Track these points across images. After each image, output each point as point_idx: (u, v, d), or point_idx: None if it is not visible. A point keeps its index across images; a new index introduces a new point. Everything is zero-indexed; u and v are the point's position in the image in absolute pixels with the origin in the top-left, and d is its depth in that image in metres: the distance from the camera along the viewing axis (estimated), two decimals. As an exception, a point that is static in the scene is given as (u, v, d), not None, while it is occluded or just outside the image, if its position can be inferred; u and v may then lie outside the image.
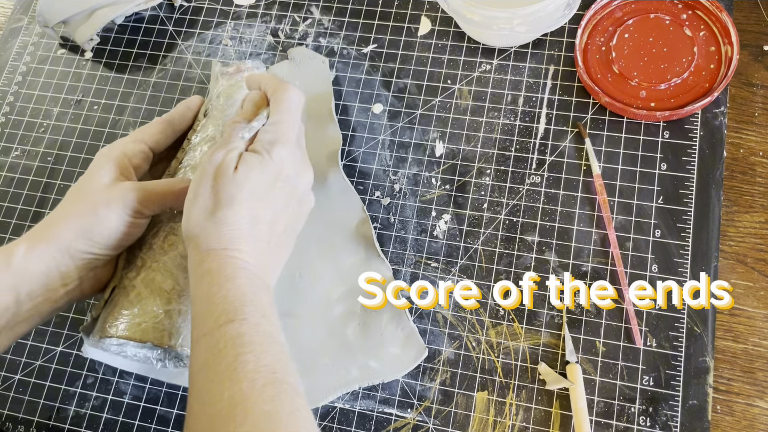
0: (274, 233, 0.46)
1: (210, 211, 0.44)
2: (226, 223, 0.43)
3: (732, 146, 0.56)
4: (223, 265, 0.42)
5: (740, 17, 0.60)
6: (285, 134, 0.47)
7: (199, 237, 0.43)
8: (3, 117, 0.69)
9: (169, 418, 0.55)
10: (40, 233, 0.47)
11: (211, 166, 0.45)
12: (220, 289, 0.41)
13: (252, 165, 0.45)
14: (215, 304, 0.40)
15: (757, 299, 0.52)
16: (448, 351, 0.53)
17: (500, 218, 0.57)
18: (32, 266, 0.45)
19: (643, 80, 0.57)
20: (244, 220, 0.44)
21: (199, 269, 0.42)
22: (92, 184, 0.48)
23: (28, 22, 0.73)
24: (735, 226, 0.54)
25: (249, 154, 0.45)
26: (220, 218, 0.43)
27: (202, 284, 0.42)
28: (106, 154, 0.50)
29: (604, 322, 0.52)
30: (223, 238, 0.43)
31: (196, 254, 0.43)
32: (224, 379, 0.37)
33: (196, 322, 0.41)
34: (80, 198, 0.48)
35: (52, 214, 0.48)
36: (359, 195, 0.59)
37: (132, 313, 0.47)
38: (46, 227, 0.47)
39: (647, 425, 0.49)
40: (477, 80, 0.62)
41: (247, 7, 0.69)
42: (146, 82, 0.68)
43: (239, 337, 0.38)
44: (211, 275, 0.42)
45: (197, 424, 0.37)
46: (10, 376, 0.58)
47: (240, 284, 0.41)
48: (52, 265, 0.46)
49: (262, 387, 0.36)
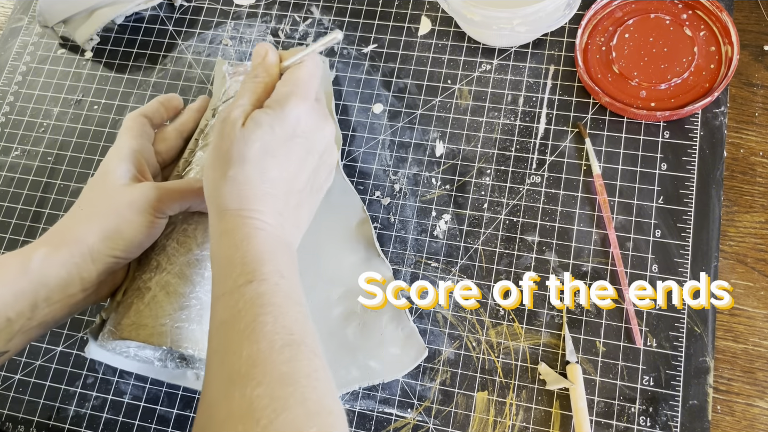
0: (292, 191, 0.45)
1: (223, 170, 0.43)
2: (237, 182, 0.42)
3: (732, 146, 0.56)
4: (239, 224, 0.42)
5: (740, 17, 0.60)
6: (301, 88, 0.45)
7: (214, 196, 0.43)
8: (3, 117, 0.69)
9: (169, 418, 0.55)
10: (61, 236, 0.46)
11: (220, 125, 0.44)
12: (237, 250, 0.41)
13: (261, 121, 0.43)
14: (234, 265, 0.40)
15: (757, 299, 0.52)
16: (448, 351, 0.53)
17: (500, 218, 0.57)
18: (52, 271, 0.44)
19: (644, 80, 0.57)
20: (256, 178, 0.43)
21: (217, 229, 0.42)
22: (111, 184, 0.47)
23: (28, 22, 0.73)
24: (735, 226, 0.54)
25: (259, 111, 0.44)
26: (232, 177, 0.42)
27: (221, 244, 0.42)
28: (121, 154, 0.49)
29: (604, 322, 0.52)
30: (236, 197, 0.42)
31: (214, 214, 0.43)
32: (243, 339, 0.37)
33: (216, 281, 0.41)
34: (101, 199, 0.47)
35: (70, 217, 0.47)
36: (359, 195, 0.59)
37: (148, 316, 0.46)
38: (67, 230, 0.46)
39: (647, 425, 0.49)
40: (477, 80, 0.62)
41: (247, 7, 0.69)
42: (146, 82, 0.68)
43: (258, 297, 0.38)
44: (228, 236, 0.41)
45: (216, 381, 0.37)
46: (10, 376, 0.58)
47: (256, 244, 0.41)
48: (73, 271, 0.45)
49: (281, 348, 0.36)
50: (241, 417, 0.34)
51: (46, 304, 0.44)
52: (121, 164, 0.48)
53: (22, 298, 0.43)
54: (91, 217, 0.46)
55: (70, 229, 0.46)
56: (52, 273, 0.44)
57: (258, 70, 0.47)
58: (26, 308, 0.44)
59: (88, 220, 0.46)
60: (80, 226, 0.46)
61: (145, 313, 0.47)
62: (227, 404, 0.35)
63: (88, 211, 0.47)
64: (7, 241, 0.63)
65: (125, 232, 0.46)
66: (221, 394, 0.36)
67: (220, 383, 0.37)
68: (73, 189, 0.64)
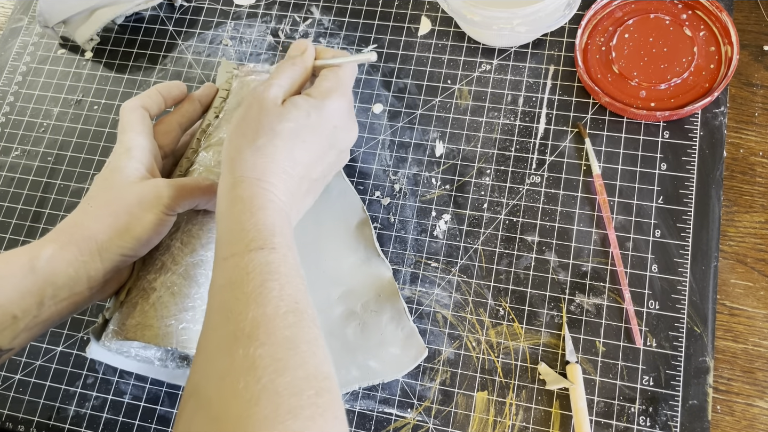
0: (306, 178, 0.47)
1: (250, 138, 0.44)
2: (264, 154, 0.44)
3: (732, 146, 0.56)
4: (255, 193, 0.43)
5: (740, 17, 0.60)
6: (344, 84, 0.48)
7: (235, 161, 0.44)
8: (3, 117, 0.69)
9: (169, 418, 0.55)
10: (69, 234, 0.45)
11: (256, 98, 0.46)
12: (252, 216, 0.41)
13: (299, 105, 0.46)
14: (246, 230, 0.41)
15: (757, 299, 0.52)
16: (448, 351, 0.54)
17: (500, 218, 0.57)
18: (60, 269, 0.44)
19: (643, 80, 0.57)
20: (281, 155, 0.44)
21: (231, 193, 0.43)
22: (121, 182, 0.47)
23: (28, 22, 0.73)
24: (735, 226, 0.54)
25: (299, 97, 0.46)
26: (259, 147, 0.44)
27: (234, 209, 0.42)
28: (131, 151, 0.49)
29: (604, 322, 0.52)
30: (258, 167, 0.43)
31: (229, 178, 0.44)
32: (250, 301, 0.38)
33: (222, 241, 0.42)
34: (111, 197, 0.47)
35: (80, 213, 0.47)
36: (359, 195, 0.59)
37: (153, 317, 0.46)
38: (75, 227, 0.46)
39: (647, 425, 0.49)
40: (477, 80, 0.62)
41: (247, 7, 0.69)
42: (146, 82, 0.68)
43: (267, 264, 0.39)
44: (243, 202, 0.42)
45: (217, 337, 0.38)
46: (10, 376, 0.58)
47: (270, 214, 0.42)
48: (81, 269, 0.45)
49: (285, 314, 0.37)
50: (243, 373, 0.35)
51: (53, 302, 0.44)
52: (132, 161, 0.48)
53: (29, 296, 0.43)
54: (101, 214, 0.46)
55: (79, 227, 0.45)
56: (60, 271, 0.44)
57: (296, 59, 0.49)
58: (33, 306, 0.43)
59: (98, 218, 0.46)
60: (90, 223, 0.45)
61: (151, 313, 0.46)
62: (230, 360, 0.36)
63: (98, 209, 0.46)
64: (7, 241, 0.63)
65: (135, 230, 0.46)
66: (223, 350, 0.36)
67: (222, 340, 0.37)
68: (73, 189, 0.64)
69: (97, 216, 0.46)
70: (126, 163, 0.48)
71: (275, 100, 0.46)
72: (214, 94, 0.57)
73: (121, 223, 0.45)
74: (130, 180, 0.47)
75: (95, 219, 0.46)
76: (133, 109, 0.51)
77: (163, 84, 0.54)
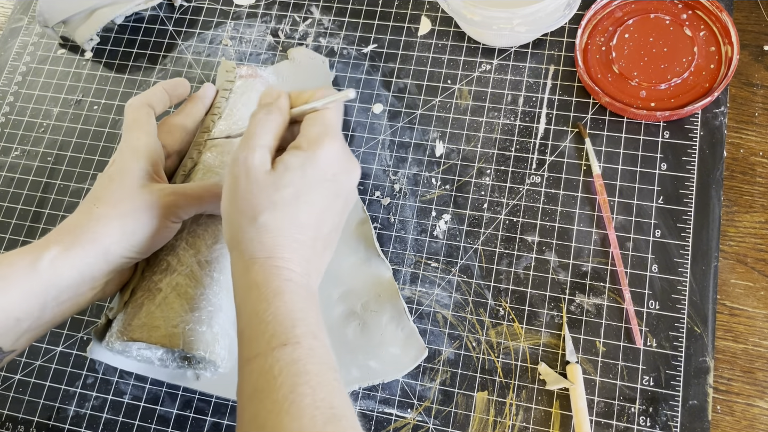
0: (319, 237, 0.43)
1: (251, 216, 0.41)
2: (268, 230, 0.41)
3: (732, 146, 0.56)
4: (269, 277, 0.40)
5: (740, 17, 0.60)
6: (333, 127, 0.44)
7: (241, 244, 0.41)
8: (3, 117, 0.69)
9: (169, 418, 0.55)
10: (73, 235, 0.44)
11: (243, 168, 0.42)
12: (269, 305, 0.39)
13: (292, 165, 0.42)
14: (265, 323, 0.38)
15: (757, 299, 0.52)
16: (448, 351, 0.53)
17: (500, 218, 0.57)
18: (64, 271, 0.43)
19: (643, 80, 0.57)
20: (287, 225, 0.41)
21: (244, 279, 0.41)
22: (129, 184, 0.46)
23: (28, 22, 0.73)
24: (735, 226, 0.54)
25: (289, 153, 0.42)
26: (262, 224, 0.41)
27: (250, 297, 0.40)
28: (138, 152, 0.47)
29: (604, 322, 0.52)
30: (266, 245, 0.41)
31: (239, 262, 0.41)
32: (281, 412, 0.35)
33: (244, 339, 0.39)
34: (119, 199, 0.46)
35: (84, 214, 0.46)
36: (359, 195, 0.59)
37: (159, 317, 0.46)
38: (80, 229, 0.45)
39: (647, 425, 0.49)
40: (477, 80, 0.62)
41: (247, 7, 0.69)
42: (146, 82, 0.68)
43: (294, 364, 0.37)
44: (258, 288, 0.40)
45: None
46: (10, 376, 0.58)
47: (288, 300, 0.39)
48: (85, 271, 0.44)
49: (323, 425, 0.35)
50: None
51: (55, 303, 0.44)
52: (139, 163, 0.47)
53: (32, 298, 0.43)
54: (108, 217, 0.45)
55: (84, 228, 0.44)
56: (64, 273, 0.43)
57: (271, 106, 0.44)
58: (35, 308, 0.43)
59: (105, 221, 0.45)
60: (96, 225, 0.44)
61: (157, 314, 0.46)
62: None
63: (105, 211, 0.45)
64: (7, 241, 0.63)
65: (142, 234, 0.45)
66: None
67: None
68: (73, 189, 0.64)
69: (103, 218, 0.45)
70: (132, 164, 0.47)
71: (263, 166, 0.42)
72: (215, 95, 0.56)
73: (127, 227, 0.45)
74: (137, 183, 0.46)
75: (101, 222, 0.45)
76: (138, 107, 0.50)
77: (167, 81, 0.53)
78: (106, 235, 0.45)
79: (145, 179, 0.47)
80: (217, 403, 0.54)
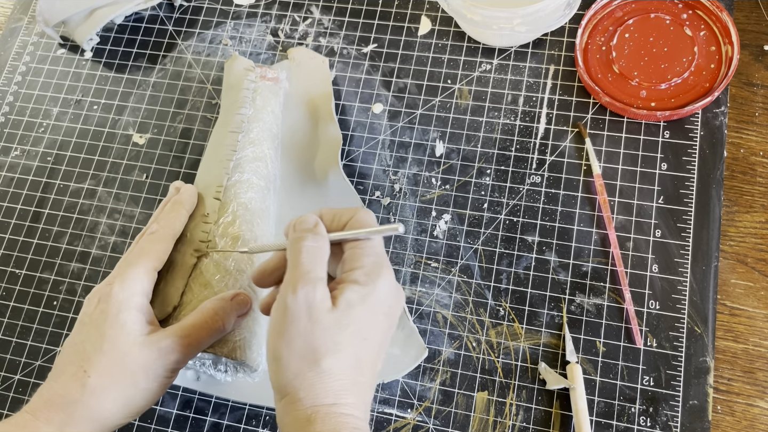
0: (374, 375, 0.41)
1: (311, 360, 0.37)
2: (332, 375, 0.38)
3: (732, 146, 0.56)
4: (337, 427, 0.37)
5: (740, 17, 0.60)
6: (385, 257, 0.41)
7: (300, 391, 0.38)
8: (3, 117, 0.69)
9: (169, 418, 0.55)
10: (68, 413, 0.41)
11: (304, 306, 0.38)
12: None
13: (354, 303, 0.38)
14: None
15: (757, 299, 0.52)
16: (448, 351, 0.53)
17: (500, 218, 0.57)
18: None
19: (644, 80, 0.57)
20: (349, 367, 0.38)
21: (307, 430, 0.37)
22: (124, 342, 0.43)
23: (28, 22, 0.73)
24: (735, 226, 0.54)
25: (350, 290, 0.39)
26: (326, 369, 0.37)
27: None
28: (135, 300, 0.44)
29: (604, 322, 0.52)
30: (330, 391, 0.37)
31: (299, 410, 0.37)
32: None
33: None
34: (113, 363, 0.42)
35: (75, 382, 0.42)
36: (359, 195, 0.59)
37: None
38: (75, 406, 0.41)
39: (647, 425, 0.49)
40: (477, 80, 0.62)
41: (247, 6, 0.69)
42: (146, 81, 0.68)
43: None
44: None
45: None
46: (10, 376, 0.58)
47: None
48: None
49: None
50: None
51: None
52: (137, 314, 0.44)
53: None
54: (104, 388, 0.41)
55: (78, 404, 0.41)
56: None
57: (317, 237, 0.40)
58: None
59: (101, 393, 0.41)
60: (91, 399, 0.41)
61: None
62: None
63: (100, 381, 0.42)
64: (6, 241, 0.63)
65: (141, 400, 0.43)
66: None
67: None
68: (73, 189, 0.64)
69: (98, 391, 0.41)
70: (130, 317, 0.43)
71: (324, 303, 0.38)
72: (196, 199, 0.52)
73: (126, 395, 0.42)
74: (131, 338, 0.43)
75: (96, 395, 0.41)
76: (163, 239, 0.48)
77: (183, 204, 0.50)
78: (104, 410, 0.41)
79: (140, 332, 0.43)
80: (217, 403, 0.54)
